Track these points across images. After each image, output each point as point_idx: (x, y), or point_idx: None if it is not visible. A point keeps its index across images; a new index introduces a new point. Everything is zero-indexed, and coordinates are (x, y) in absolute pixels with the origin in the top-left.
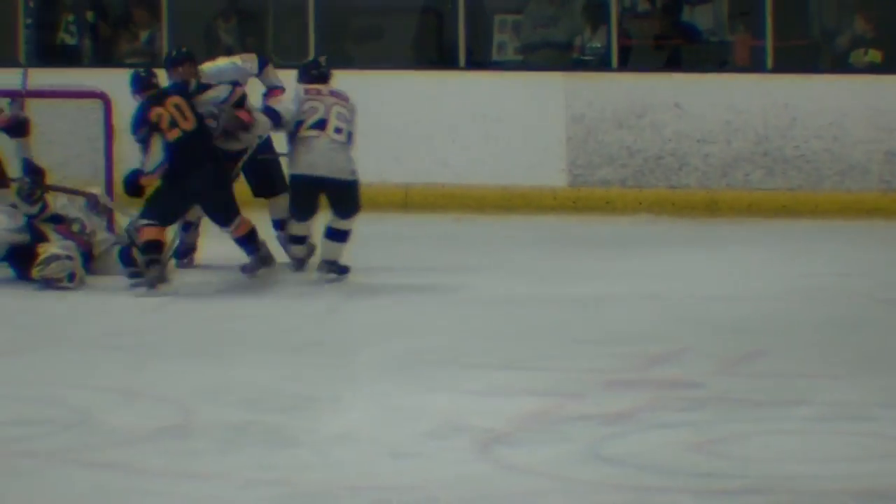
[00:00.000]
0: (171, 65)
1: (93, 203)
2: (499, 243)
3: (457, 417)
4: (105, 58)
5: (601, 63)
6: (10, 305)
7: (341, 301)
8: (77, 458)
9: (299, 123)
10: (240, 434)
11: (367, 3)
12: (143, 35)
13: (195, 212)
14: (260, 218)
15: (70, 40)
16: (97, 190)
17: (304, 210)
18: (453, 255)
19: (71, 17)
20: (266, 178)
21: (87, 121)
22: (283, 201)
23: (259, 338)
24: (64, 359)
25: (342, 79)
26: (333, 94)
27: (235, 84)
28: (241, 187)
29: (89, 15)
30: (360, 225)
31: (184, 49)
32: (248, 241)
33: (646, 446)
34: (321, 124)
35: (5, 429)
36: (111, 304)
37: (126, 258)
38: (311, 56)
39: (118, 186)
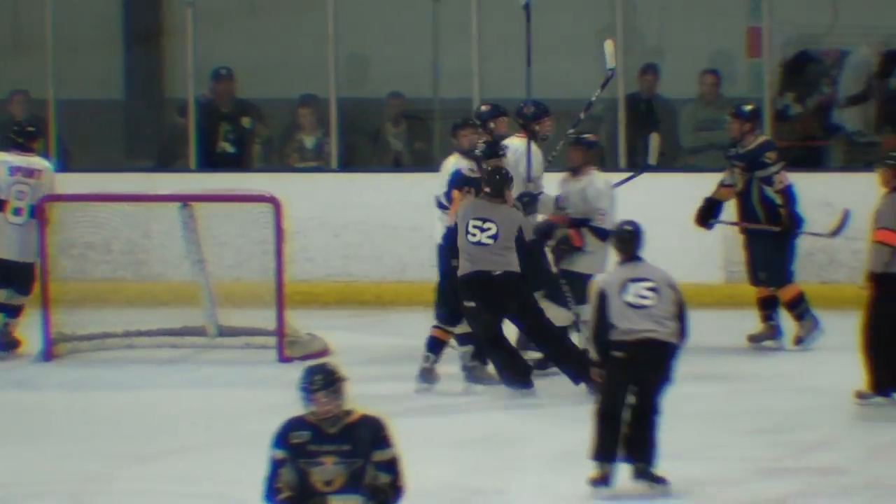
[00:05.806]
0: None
1: None
2: None
3: None
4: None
5: None
6: None
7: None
8: None
9: None
10: None
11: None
12: (310, 141)
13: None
14: None
15: (229, 148)
16: None
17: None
18: None
19: (228, 126)
20: None
21: (257, 224)
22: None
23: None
24: None
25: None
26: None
27: None
28: None
29: (245, 121)
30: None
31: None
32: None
33: None
34: None
35: None
36: None
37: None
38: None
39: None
